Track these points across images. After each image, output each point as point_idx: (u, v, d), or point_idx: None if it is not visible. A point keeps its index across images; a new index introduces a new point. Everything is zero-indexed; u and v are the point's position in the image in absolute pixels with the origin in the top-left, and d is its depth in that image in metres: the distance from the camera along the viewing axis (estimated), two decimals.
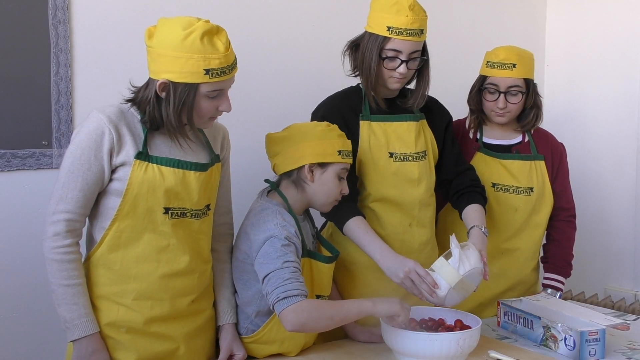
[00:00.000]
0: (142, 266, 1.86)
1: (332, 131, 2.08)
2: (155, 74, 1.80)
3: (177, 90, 1.78)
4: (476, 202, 2.32)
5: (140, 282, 1.86)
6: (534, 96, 2.58)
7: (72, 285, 1.81)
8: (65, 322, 1.82)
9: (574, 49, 3.68)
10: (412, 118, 2.33)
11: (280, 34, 2.87)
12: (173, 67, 1.76)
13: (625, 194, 3.47)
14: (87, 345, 1.82)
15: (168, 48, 1.76)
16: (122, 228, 1.84)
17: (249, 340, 2.05)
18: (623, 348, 2.15)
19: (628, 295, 3.40)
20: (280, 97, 2.87)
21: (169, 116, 1.82)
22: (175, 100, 1.79)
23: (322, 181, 2.05)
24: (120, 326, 1.86)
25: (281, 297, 1.85)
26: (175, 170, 1.87)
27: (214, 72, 1.78)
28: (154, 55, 1.80)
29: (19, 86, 2.31)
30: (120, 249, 1.85)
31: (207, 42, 1.76)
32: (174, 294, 1.91)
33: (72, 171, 1.80)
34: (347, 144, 2.09)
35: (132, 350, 1.88)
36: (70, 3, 2.39)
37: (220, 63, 1.78)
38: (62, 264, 1.81)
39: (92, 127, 1.81)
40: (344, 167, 2.08)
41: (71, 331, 1.82)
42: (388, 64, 2.20)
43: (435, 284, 2.01)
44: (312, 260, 2.06)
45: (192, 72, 1.76)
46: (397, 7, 2.15)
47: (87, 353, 1.82)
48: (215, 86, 1.81)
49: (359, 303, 1.97)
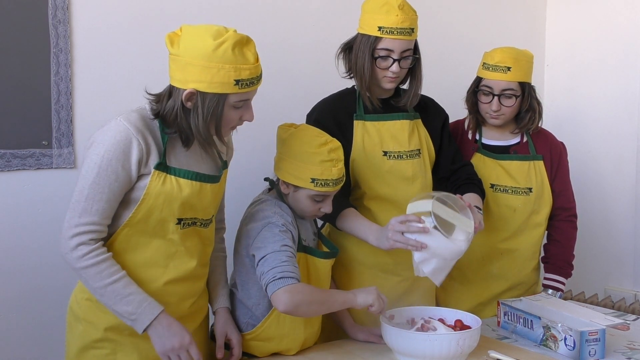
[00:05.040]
0: (149, 271, 1.86)
1: (316, 155, 2.00)
2: (182, 84, 1.75)
3: (205, 100, 1.75)
4: (473, 192, 2.34)
5: (146, 286, 1.84)
6: (529, 99, 2.58)
7: (118, 280, 1.77)
8: (129, 315, 1.78)
9: (574, 49, 3.68)
10: (405, 117, 2.35)
11: (279, 34, 2.87)
12: (203, 77, 1.72)
13: (625, 194, 3.47)
14: (160, 324, 1.80)
15: (198, 57, 1.71)
16: (131, 234, 1.82)
17: (249, 337, 2.05)
18: (623, 348, 2.15)
19: (628, 295, 3.40)
20: (279, 96, 2.86)
21: (199, 127, 1.77)
22: (204, 111, 1.75)
23: (295, 198, 2.06)
24: (123, 329, 1.85)
25: (277, 277, 1.88)
26: (192, 182, 1.85)
27: (244, 83, 1.75)
28: (182, 64, 1.74)
29: (19, 86, 2.31)
30: (128, 253, 1.84)
31: (238, 53, 1.74)
32: (178, 298, 1.91)
33: (97, 182, 1.74)
34: (327, 173, 2.00)
35: (134, 352, 1.87)
36: (70, 3, 2.39)
37: (251, 74, 1.76)
38: (98, 266, 1.75)
39: (120, 137, 1.74)
40: (317, 194, 2.03)
41: (139, 321, 1.78)
42: (381, 63, 2.23)
43: (420, 218, 2.02)
44: (308, 255, 2.08)
45: (223, 82, 1.73)
46: (387, 7, 2.19)
47: (164, 331, 1.80)
48: (243, 96, 1.79)
49: (344, 294, 2.05)
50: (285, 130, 2.09)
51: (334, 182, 2.03)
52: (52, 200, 2.38)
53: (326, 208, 2.08)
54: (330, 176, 2.01)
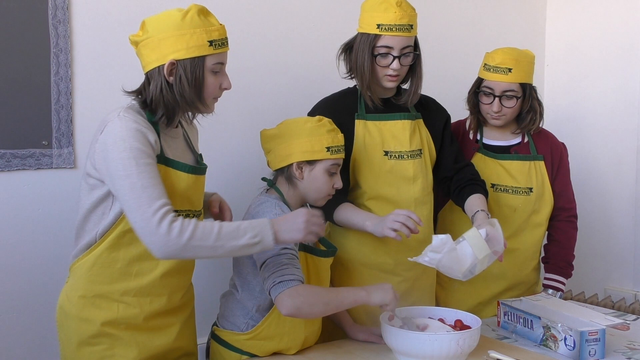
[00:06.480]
0: (143, 264, 1.88)
1: (321, 127, 2.08)
2: (160, 60, 1.81)
3: (186, 68, 1.82)
4: (478, 193, 2.35)
5: (141, 279, 1.88)
6: (530, 100, 2.58)
7: (220, 226, 1.77)
8: (254, 239, 1.79)
9: (574, 49, 3.68)
10: (407, 117, 2.35)
11: (278, 31, 2.87)
12: (179, 45, 1.80)
13: (625, 194, 3.47)
14: (278, 223, 1.83)
15: (170, 29, 1.80)
16: (127, 229, 1.83)
17: (248, 336, 2.05)
18: (623, 348, 2.15)
19: (628, 295, 3.40)
20: (278, 95, 2.87)
21: (184, 95, 1.83)
22: (187, 77, 1.82)
23: (311, 178, 2.08)
24: (120, 323, 1.87)
25: (277, 282, 1.88)
26: (188, 175, 1.89)
27: (216, 43, 1.84)
28: (155, 43, 1.81)
29: (19, 86, 2.31)
30: (122, 248, 1.86)
31: (204, 18, 1.84)
32: (171, 290, 1.94)
33: (142, 171, 1.73)
34: (337, 140, 2.10)
35: (132, 345, 1.89)
36: (70, 3, 2.39)
37: (220, 34, 1.85)
38: (198, 229, 1.73)
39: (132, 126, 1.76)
40: (333, 163, 2.09)
41: (265, 235, 1.80)
42: (381, 61, 2.24)
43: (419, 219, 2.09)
44: (308, 254, 2.08)
45: (198, 45, 1.81)
46: (385, 5, 2.22)
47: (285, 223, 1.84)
48: (217, 58, 1.85)
49: (354, 291, 2.01)
50: (270, 129, 2.13)
51: (343, 148, 2.12)
52: (52, 200, 2.38)
53: (338, 183, 2.12)
54: (339, 142, 2.10)
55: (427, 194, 2.39)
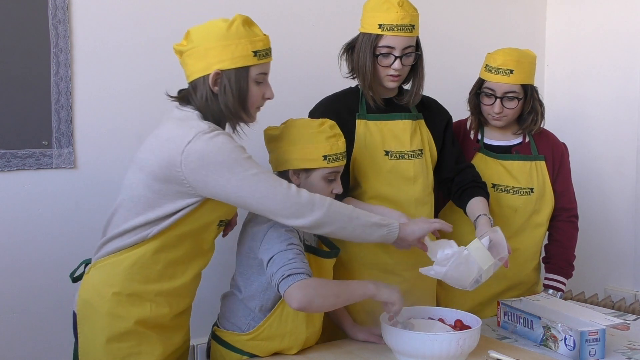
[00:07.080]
0: (178, 268, 1.93)
1: (320, 134, 2.05)
2: (206, 70, 1.84)
3: (230, 78, 1.85)
4: (479, 195, 2.35)
5: (174, 282, 1.93)
6: (532, 101, 2.58)
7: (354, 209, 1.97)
8: (383, 220, 1.99)
9: (574, 49, 3.68)
10: (408, 117, 2.35)
11: (280, 31, 2.86)
12: (225, 56, 1.82)
13: (626, 194, 3.47)
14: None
15: (215, 40, 1.83)
16: (179, 233, 1.87)
17: (250, 336, 2.04)
18: (623, 348, 2.15)
19: (628, 295, 3.40)
20: (280, 94, 2.84)
21: (229, 105, 1.86)
22: (232, 87, 1.85)
23: (308, 185, 2.06)
24: (151, 321, 1.91)
25: (286, 275, 1.86)
26: None
27: (261, 54, 1.87)
28: (201, 53, 1.83)
29: (19, 86, 2.31)
30: (166, 250, 1.89)
31: (249, 28, 1.87)
32: (194, 291, 2.05)
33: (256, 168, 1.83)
34: (336, 147, 2.06)
35: (158, 342, 1.93)
36: (70, 3, 2.39)
37: (264, 45, 1.89)
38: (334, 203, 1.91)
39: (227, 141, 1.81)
40: (331, 171, 2.07)
41: (392, 222, 2.02)
42: (382, 60, 2.24)
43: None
44: (311, 255, 2.07)
45: (243, 55, 1.84)
46: (387, 5, 2.22)
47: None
48: (261, 69, 1.89)
49: (363, 284, 2.00)
50: (273, 129, 2.11)
51: (343, 155, 2.09)
52: (52, 200, 2.38)
53: (337, 188, 2.10)
54: (338, 150, 2.07)
55: (428, 194, 2.39)
